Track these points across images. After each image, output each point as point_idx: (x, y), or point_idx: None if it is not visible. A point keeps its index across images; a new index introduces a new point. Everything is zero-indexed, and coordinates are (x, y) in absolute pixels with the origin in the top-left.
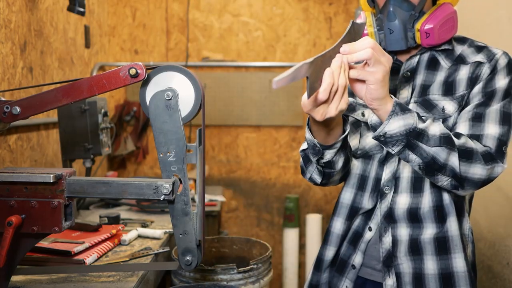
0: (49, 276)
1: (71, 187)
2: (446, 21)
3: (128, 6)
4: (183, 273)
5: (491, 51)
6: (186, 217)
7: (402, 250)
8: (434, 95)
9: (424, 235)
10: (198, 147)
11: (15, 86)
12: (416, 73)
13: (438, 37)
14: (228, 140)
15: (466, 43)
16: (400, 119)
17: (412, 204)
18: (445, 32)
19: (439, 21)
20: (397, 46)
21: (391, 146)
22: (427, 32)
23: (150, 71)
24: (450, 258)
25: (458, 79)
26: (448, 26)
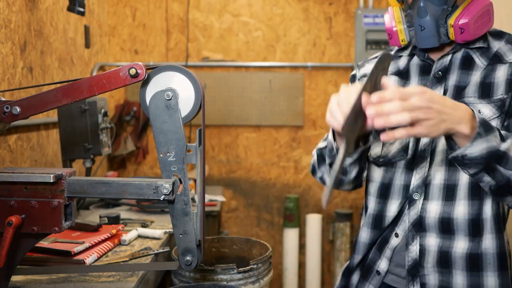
0: (49, 276)
1: (71, 187)
2: (482, 15)
3: (128, 6)
4: (183, 273)
5: None
6: (186, 217)
7: (429, 261)
8: (470, 98)
9: (456, 248)
10: (198, 147)
11: (15, 86)
12: (449, 73)
13: (474, 32)
14: (228, 140)
15: (503, 39)
16: (484, 141)
17: (444, 214)
18: (480, 26)
19: (474, 15)
20: (429, 43)
21: (467, 168)
22: (462, 28)
23: (150, 71)
24: (482, 275)
25: (496, 80)
26: (484, 20)
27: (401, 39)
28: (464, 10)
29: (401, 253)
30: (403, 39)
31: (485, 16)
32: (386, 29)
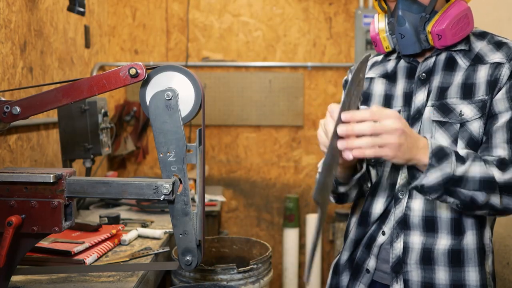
0: (49, 276)
1: (71, 187)
2: (459, 20)
3: (128, 6)
4: (183, 273)
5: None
6: (186, 217)
7: (413, 258)
8: (452, 99)
9: (438, 245)
10: (198, 147)
11: (15, 86)
12: (433, 75)
13: (452, 37)
14: (228, 140)
15: (485, 39)
16: (437, 170)
17: (427, 212)
18: (458, 31)
19: (450, 21)
20: (411, 50)
21: (428, 195)
22: (439, 34)
23: (150, 71)
24: (463, 270)
25: (477, 81)
26: (462, 24)
27: (385, 46)
28: (441, 17)
29: (387, 250)
30: (387, 46)
31: (463, 21)
32: (371, 37)
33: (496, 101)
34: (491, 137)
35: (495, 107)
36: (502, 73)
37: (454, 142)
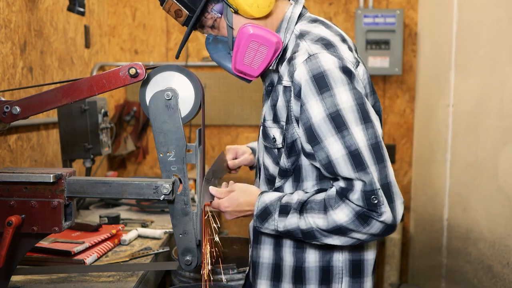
0: (49, 276)
1: (71, 187)
2: (248, 52)
3: (128, 6)
4: (183, 273)
5: (294, 64)
6: (186, 217)
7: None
8: (267, 121)
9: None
10: (198, 147)
11: (15, 86)
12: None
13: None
14: (228, 140)
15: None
16: (264, 229)
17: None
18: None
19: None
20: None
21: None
22: (240, 75)
23: (150, 71)
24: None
25: (278, 104)
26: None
27: None
28: (233, 55)
29: None
30: None
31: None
32: None
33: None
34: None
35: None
36: (291, 100)
37: (277, 165)
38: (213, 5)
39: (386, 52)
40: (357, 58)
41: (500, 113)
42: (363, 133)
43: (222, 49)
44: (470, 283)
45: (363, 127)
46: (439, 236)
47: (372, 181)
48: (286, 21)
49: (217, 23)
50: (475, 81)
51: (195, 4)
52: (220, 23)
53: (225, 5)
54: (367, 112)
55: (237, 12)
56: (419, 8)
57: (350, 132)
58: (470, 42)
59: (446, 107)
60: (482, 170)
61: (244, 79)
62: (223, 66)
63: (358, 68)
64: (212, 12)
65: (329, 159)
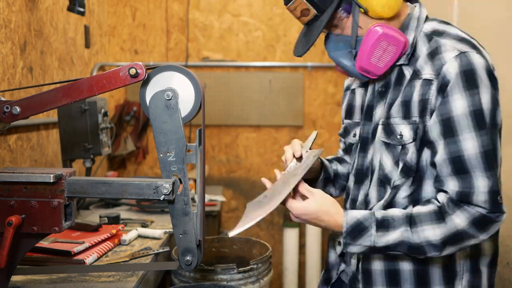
0: (49, 276)
1: (71, 187)
2: (377, 51)
3: (128, 6)
4: (183, 273)
5: (441, 58)
6: (186, 217)
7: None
8: (395, 118)
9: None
10: (198, 147)
11: (15, 86)
12: (390, 88)
13: (380, 69)
14: (228, 140)
15: (430, 42)
16: (355, 246)
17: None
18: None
19: (368, 56)
20: (361, 79)
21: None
22: (364, 71)
23: (150, 71)
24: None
25: (413, 99)
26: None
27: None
28: (360, 52)
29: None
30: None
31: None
32: None
33: (430, 127)
34: (438, 170)
35: (430, 134)
36: (430, 94)
37: (396, 164)
38: (343, 5)
39: None
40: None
41: None
42: (496, 137)
43: (343, 48)
44: None
45: (495, 131)
46: None
47: (496, 182)
48: (415, 20)
49: (342, 22)
50: None
51: (325, 4)
52: (345, 22)
53: (355, 5)
54: (498, 119)
55: (367, 13)
56: None
57: (486, 133)
58: None
59: None
60: None
61: (364, 77)
62: (342, 64)
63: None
64: (340, 11)
65: (461, 153)
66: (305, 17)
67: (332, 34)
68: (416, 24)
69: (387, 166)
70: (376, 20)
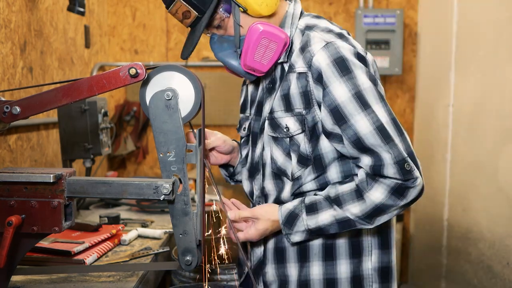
0: (49, 276)
1: (71, 187)
2: (259, 49)
3: (128, 6)
4: (183, 273)
5: (310, 51)
6: (186, 217)
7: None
8: (277, 112)
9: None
10: (198, 147)
11: (15, 86)
12: (276, 84)
13: (266, 65)
14: None
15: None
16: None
17: None
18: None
19: (251, 54)
20: (251, 79)
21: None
22: (249, 71)
23: (150, 71)
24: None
25: (291, 92)
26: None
27: None
28: (243, 52)
29: None
30: None
31: (264, 47)
32: None
33: (324, 120)
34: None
35: (326, 127)
36: (309, 87)
37: (288, 156)
38: (222, 5)
39: (386, 52)
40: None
41: (500, 113)
42: (384, 110)
43: (228, 48)
44: (470, 283)
45: (382, 104)
46: (439, 236)
47: (400, 151)
48: (290, 17)
49: (224, 22)
50: (475, 81)
51: (205, 5)
52: (227, 22)
53: (234, 5)
54: (381, 93)
55: (246, 11)
56: (419, 8)
57: (373, 110)
58: (470, 42)
59: (446, 107)
60: (482, 170)
61: (251, 76)
62: (228, 64)
63: (367, 55)
64: (221, 12)
65: (358, 135)
66: (187, 19)
67: (216, 35)
68: (291, 20)
69: (279, 159)
70: (257, 18)
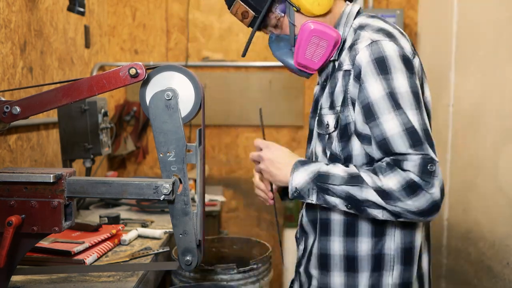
0: (49, 276)
1: (71, 187)
2: (310, 46)
3: (128, 6)
4: (183, 273)
5: (356, 49)
6: (186, 217)
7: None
8: (324, 109)
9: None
10: (198, 147)
11: (15, 86)
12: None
13: (316, 63)
14: (228, 140)
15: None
16: (302, 171)
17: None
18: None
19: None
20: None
21: (308, 197)
22: (301, 68)
23: (150, 71)
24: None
25: (336, 90)
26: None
27: None
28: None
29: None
30: None
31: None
32: None
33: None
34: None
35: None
36: (349, 84)
37: (324, 153)
38: (277, 5)
39: None
40: (413, 50)
41: (500, 113)
42: (418, 117)
43: (284, 47)
44: (470, 283)
45: (417, 112)
46: (439, 236)
47: (429, 153)
48: (345, 16)
49: (280, 22)
50: (475, 81)
51: (261, 5)
52: (283, 22)
53: (288, 4)
54: (419, 101)
55: (299, 11)
56: (419, 8)
57: (404, 111)
58: (470, 42)
59: (446, 107)
60: (482, 170)
61: (304, 74)
62: (285, 62)
63: (415, 59)
64: (276, 11)
65: (384, 135)
66: (246, 19)
67: (274, 34)
68: (345, 20)
69: (319, 155)
70: (311, 18)
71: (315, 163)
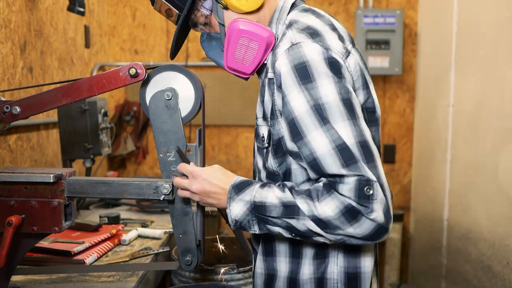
0: (49, 276)
1: (71, 187)
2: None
3: (128, 6)
4: (183, 273)
5: (276, 54)
6: (186, 217)
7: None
8: (258, 119)
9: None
10: (198, 147)
11: (15, 86)
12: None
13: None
14: (228, 140)
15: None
16: (238, 201)
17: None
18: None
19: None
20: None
21: (250, 229)
22: (233, 73)
23: (150, 71)
24: None
25: (265, 99)
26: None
27: None
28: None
29: None
30: None
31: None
32: None
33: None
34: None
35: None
36: (274, 93)
37: (264, 167)
38: (202, 2)
39: (386, 52)
40: (347, 48)
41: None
42: (350, 129)
43: (216, 46)
44: (470, 283)
45: (350, 123)
46: (439, 236)
47: (366, 172)
48: (278, 12)
49: (209, 20)
50: (475, 81)
51: (184, 2)
52: (212, 20)
53: (214, 1)
54: (353, 109)
55: (227, 8)
56: (419, 8)
57: (332, 126)
58: (470, 42)
59: (446, 107)
60: (482, 170)
61: (239, 77)
62: (219, 63)
63: (348, 59)
64: (202, 9)
65: (314, 155)
66: (171, 17)
67: (205, 32)
68: (278, 16)
69: (261, 169)
70: (242, 15)
71: (250, 189)
